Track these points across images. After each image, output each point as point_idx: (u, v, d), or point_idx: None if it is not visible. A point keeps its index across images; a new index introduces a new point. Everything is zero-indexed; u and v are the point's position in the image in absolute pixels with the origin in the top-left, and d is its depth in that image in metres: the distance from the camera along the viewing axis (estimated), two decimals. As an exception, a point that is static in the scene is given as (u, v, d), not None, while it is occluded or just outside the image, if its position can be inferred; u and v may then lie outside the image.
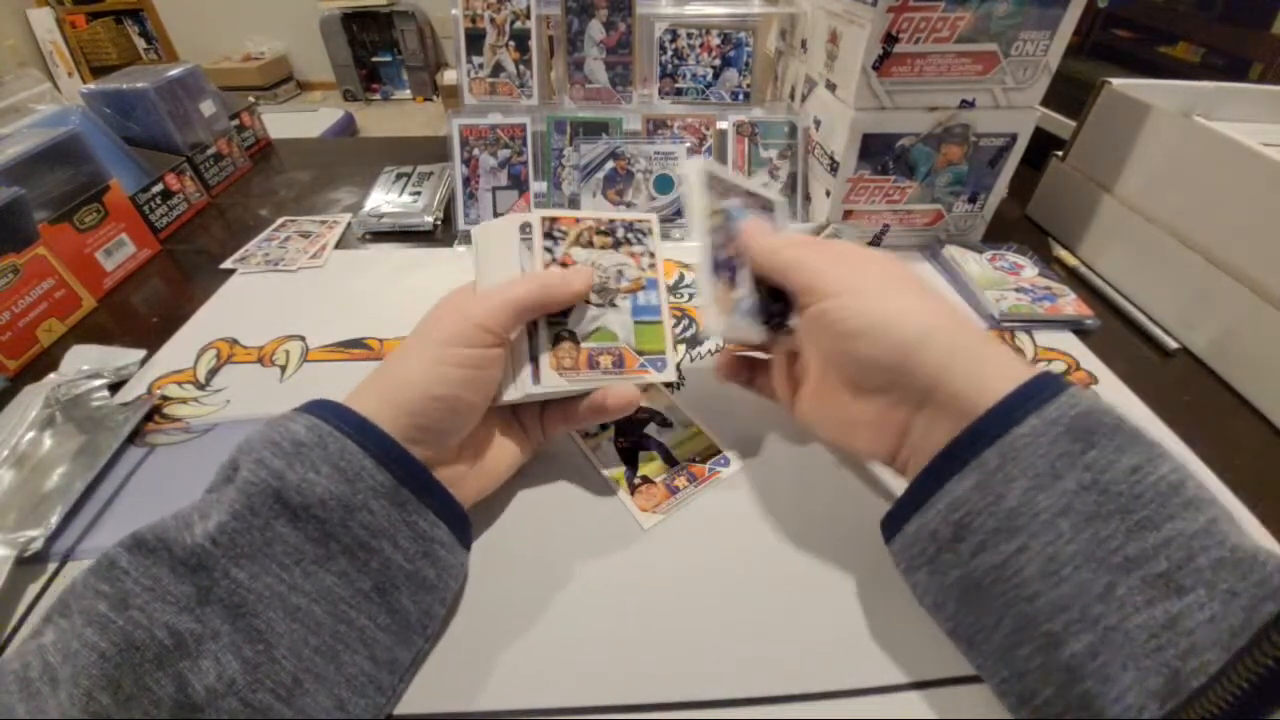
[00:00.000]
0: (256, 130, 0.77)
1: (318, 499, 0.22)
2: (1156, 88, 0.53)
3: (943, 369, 0.24)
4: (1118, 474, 0.20)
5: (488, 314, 0.27)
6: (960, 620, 0.23)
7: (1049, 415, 0.22)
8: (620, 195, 0.54)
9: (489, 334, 0.27)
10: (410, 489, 0.25)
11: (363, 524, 0.23)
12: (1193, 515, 0.19)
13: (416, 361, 0.27)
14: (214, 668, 0.20)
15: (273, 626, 0.21)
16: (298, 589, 0.22)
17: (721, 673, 0.26)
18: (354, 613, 0.23)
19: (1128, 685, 0.18)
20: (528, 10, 0.55)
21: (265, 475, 0.22)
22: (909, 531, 0.25)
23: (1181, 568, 0.19)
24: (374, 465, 0.24)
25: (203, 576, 0.21)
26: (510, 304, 0.27)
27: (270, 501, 0.22)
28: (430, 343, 0.27)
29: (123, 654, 0.19)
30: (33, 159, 0.47)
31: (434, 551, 0.25)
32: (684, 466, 0.35)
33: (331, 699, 0.22)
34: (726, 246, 0.32)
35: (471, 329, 0.27)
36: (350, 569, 0.23)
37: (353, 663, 0.23)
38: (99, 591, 0.20)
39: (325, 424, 0.24)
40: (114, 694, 0.18)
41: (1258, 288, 0.40)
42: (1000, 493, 0.21)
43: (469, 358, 0.27)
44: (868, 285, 0.26)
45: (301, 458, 0.23)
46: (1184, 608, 0.18)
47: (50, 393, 0.37)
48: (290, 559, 0.22)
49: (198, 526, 0.21)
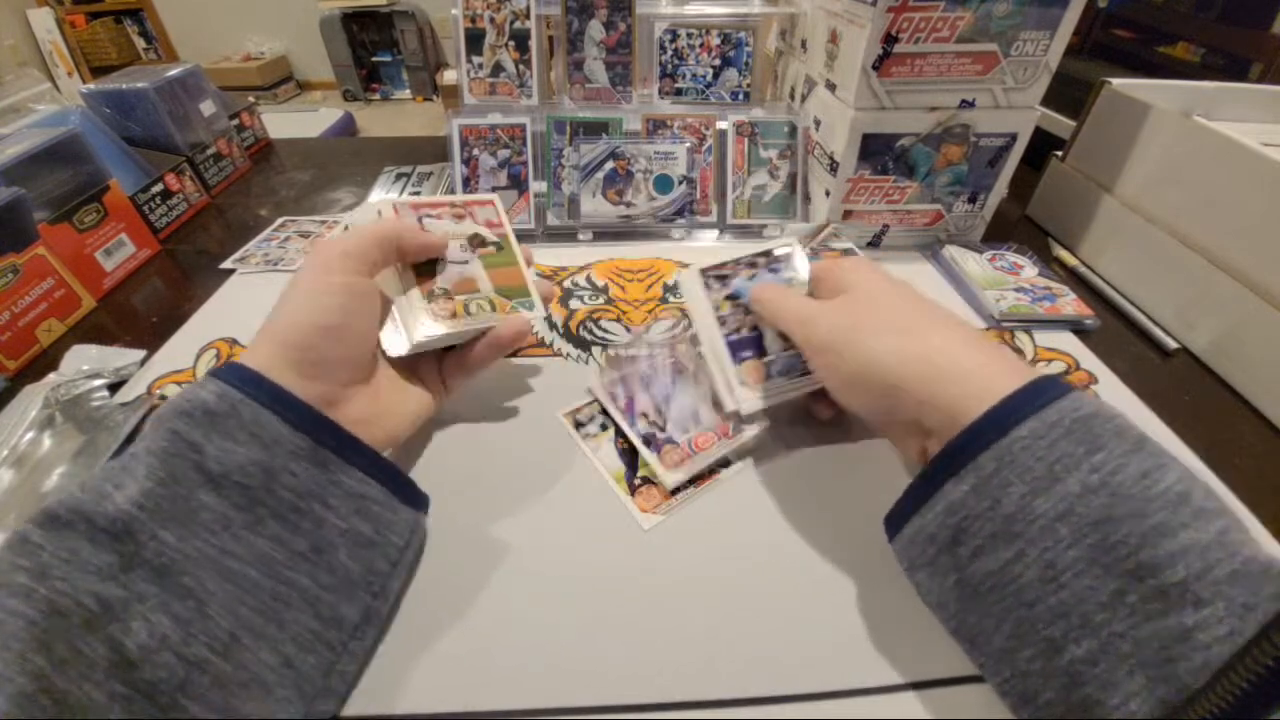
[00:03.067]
0: (256, 130, 0.77)
1: (238, 466, 0.23)
2: (1156, 88, 0.53)
3: (924, 403, 0.25)
4: (1129, 477, 0.20)
5: (351, 244, 0.30)
6: (962, 621, 0.23)
7: (1049, 418, 0.21)
8: (620, 195, 0.54)
9: (354, 260, 0.29)
10: (329, 448, 0.25)
11: (287, 487, 0.24)
12: (1204, 525, 0.19)
13: (293, 297, 0.28)
14: (144, 627, 0.20)
15: (204, 584, 0.21)
16: (230, 553, 0.22)
17: (721, 672, 0.26)
18: (291, 573, 0.23)
19: (1133, 692, 0.18)
20: (528, 10, 0.55)
21: (182, 446, 0.22)
22: (907, 533, 0.25)
23: (1200, 578, 0.18)
24: (290, 430, 0.24)
25: (127, 542, 0.21)
26: (369, 235, 0.30)
27: (189, 470, 0.22)
28: (302, 280, 0.29)
29: (49, 619, 0.19)
30: (33, 159, 0.47)
31: (367, 509, 0.26)
32: None
33: (276, 655, 0.22)
34: (743, 324, 0.35)
35: (337, 257, 0.29)
36: (283, 532, 0.23)
37: (296, 620, 0.23)
38: (16, 565, 0.20)
39: (235, 390, 0.24)
40: (47, 655, 0.18)
41: (1258, 288, 0.40)
42: (997, 498, 0.21)
43: (339, 285, 0.28)
44: (846, 334, 0.28)
45: (216, 427, 0.23)
46: (1200, 620, 0.18)
47: (50, 393, 0.37)
48: (218, 524, 0.22)
49: (117, 495, 0.21)
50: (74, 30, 3.32)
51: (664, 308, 0.47)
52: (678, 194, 0.55)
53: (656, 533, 0.31)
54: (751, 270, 0.36)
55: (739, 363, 0.34)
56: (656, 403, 0.37)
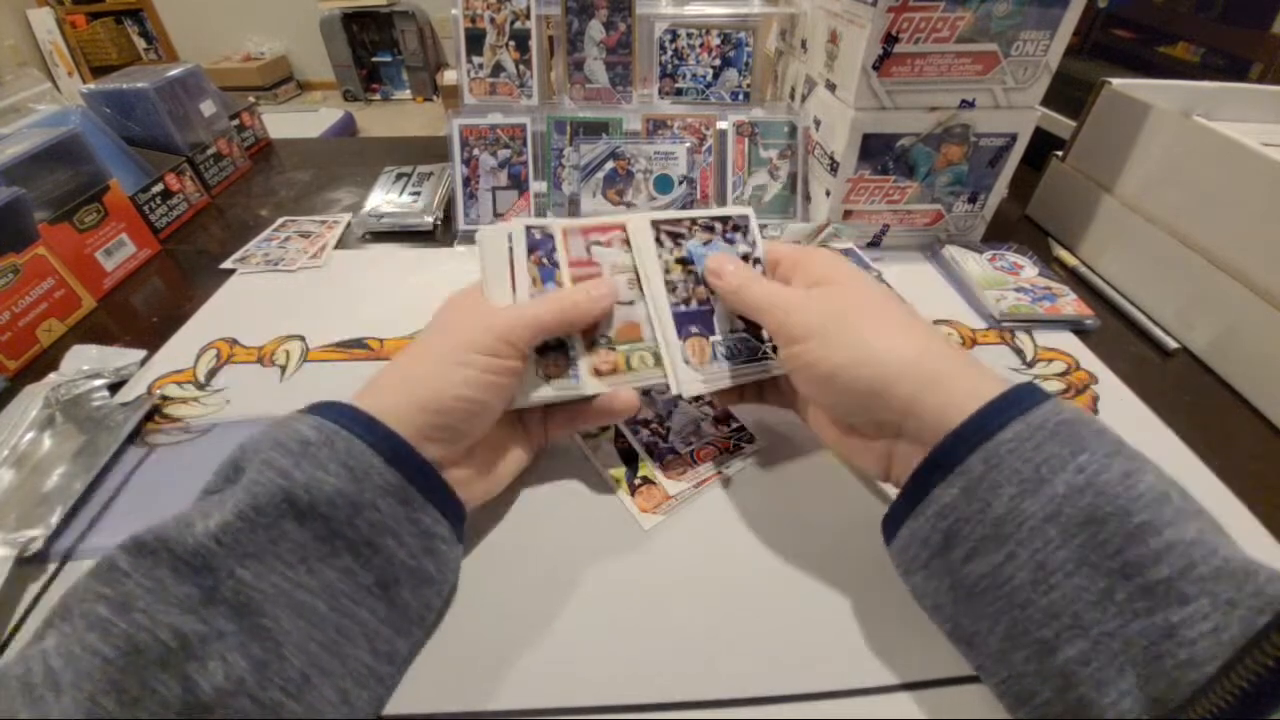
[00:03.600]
0: (256, 130, 0.77)
1: (325, 498, 0.22)
2: (1156, 88, 0.53)
3: (910, 403, 0.24)
4: (1112, 477, 0.20)
5: (509, 329, 0.27)
6: (957, 623, 0.23)
7: (1033, 421, 0.22)
8: (620, 195, 0.54)
9: (510, 347, 0.27)
10: (417, 487, 0.25)
11: (369, 521, 0.23)
12: (1184, 523, 0.19)
13: (436, 361, 0.27)
14: (221, 668, 0.20)
15: (280, 624, 0.21)
16: (302, 585, 0.22)
17: (721, 672, 0.26)
18: (356, 607, 0.23)
19: (1125, 690, 0.18)
20: (528, 10, 0.55)
21: (272, 475, 0.22)
22: (902, 536, 0.25)
23: (1184, 575, 0.18)
24: (382, 464, 0.24)
25: (206, 576, 0.21)
26: (533, 322, 0.28)
27: (278, 500, 0.22)
28: (449, 345, 0.27)
29: (126, 657, 0.19)
30: (33, 159, 0.47)
31: (436, 547, 0.25)
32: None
33: (336, 692, 0.22)
34: (693, 295, 0.32)
35: (493, 340, 0.27)
36: (354, 565, 0.23)
37: (355, 656, 0.23)
38: (100, 594, 0.20)
39: (331, 423, 0.24)
40: (118, 697, 0.18)
41: (1258, 288, 0.40)
42: (987, 500, 0.21)
43: (490, 365, 0.27)
44: (836, 326, 0.26)
45: (309, 456, 0.23)
46: (1186, 617, 0.18)
47: (50, 393, 0.37)
48: (295, 556, 0.22)
49: (199, 526, 0.21)
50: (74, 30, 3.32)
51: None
52: (678, 194, 0.55)
53: (656, 533, 0.31)
54: (708, 235, 0.33)
55: (684, 338, 0.31)
56: (659, 411, 0.37)
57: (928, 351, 0.25)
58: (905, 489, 0.25)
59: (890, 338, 0.26)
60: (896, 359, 0.25)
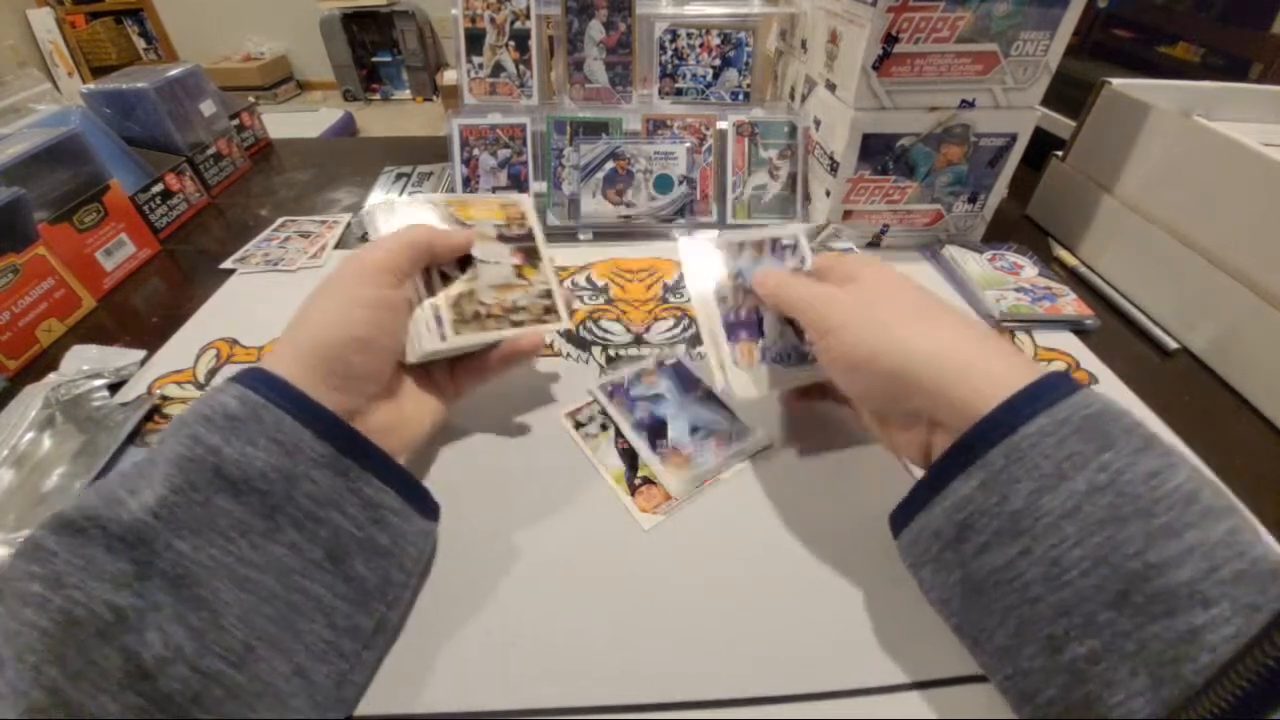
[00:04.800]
0: (256, 130, 0.77)
1: (258, 472, 0.23)
2: (1156, 88, 0.53)
3: (939, 390, 0.24)
4: (1136, 476, 0.20)
5: (385, 254, 0.29)
6: (964, 618, 0.23)
7: (1059, 415, 0.21)
8: (620, 195, 0.54)
9: (387, 273, 0.29)
10: (351, 457, 0.25)
11: (307, 494, 0.23)
12: (1211, 524, 0.19)
13: (324, 308, 0.28)
14: (159, 638, 0.20)
15: (219, 595, 0.21)
16: (245, 561, 0.22)
17: (721, 672, 0.26)
18: (307, 582, 0.23)
19: (1136, 691, 0.18)
20: (528, 10, 0.55)
21: (201, 451, 0.22)
22: (914, 528, 0.25)
23: (1206, 578, 0.18)
24: (312, 436, 0.24)
25: (143, 551, 0.20)
26: (401, 243, 0.30)
27: (209, 476, 0.22)
28: (333, 289, 0.28)
29: (64, 630, 0.19)
30: (33, 159, 0.47)
31: (384, 518, 0.26)
32: None
33: (289, 665, 0.22)
34: (742, 307, 0.34)
35: (370, 270, 0.29)
36: (300, 539, 0.23)
37: (310, 630, 0.23)
38: (30, 573, 0.20)
39: (257, 395, 0.24)
40: (61, 667, 0.18)
41: (1258, 288, 0.40)
42: (1005, 494, 0.21)
43: (372, 298, 0.28)
44: (864, 316, 0.27)
45: (237, 431, 0.23)
46: (1208, 621, 0.18)
47: (50, 393, 0.37)
48: (235, 531, 0.22)
49: (132, 501, 0.21)
50: (74, 30, 3.32)
51: (664, 307, 0.47)
52: (678, 194, 0.55)
53: (656, 533, 0.31)
54: (758, 254, 0.35)
55: (734, 343, 0.33)
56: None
57: (956, 340, 0.25)
58: (923, 480, 0.24)
59: (914, 326, 0.26)
60: (919, 347, 0.25)
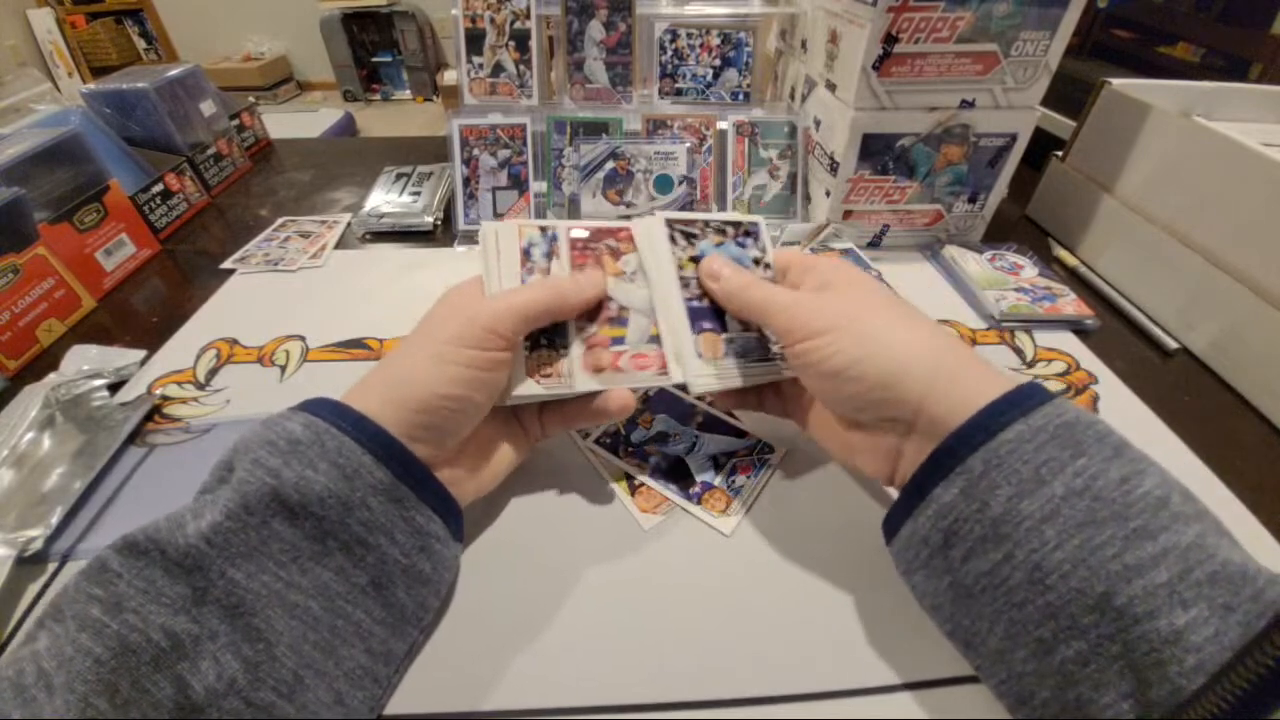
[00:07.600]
0: (256, 130, 0.77)
1: (316, 496, 0.22)
2: (1156, 88, 0.53)
3: (922, 398, 0.24)
4: (1109, 482, 0.20)
5: (495, 318, 0.26)
6: (957, 623, 0.23)
7: (1035, 422, 0.22)
8: (620, 195, 0.54)
9: (497, 338, 0.26)
10: (408, 485, 0.25)
11: (360, 520, 0.23)
12: (1182, 528, 0.19)
13: (421, 359, 0.26)
14: (213, 668, 0.20)
15: (272, 624, 0.21)
16: (295, 585, 0.22)
17: (721, 673, 0.26)
18: (350, 607, 0.23)
19: (1126, 693, 0.18)
20: (528, 10, 0.55)
21: (262, 474, 0.22)
22: (903, 536, 0.25)
23: (1182, 579, 0.18)
24: (373, 462, 0.24)
25: (198, 577, 0.20)
26: (519, 309, 0.27)
27: (267, 500, 0.22)
28: (435, 341, 0.26)
29: (118, 658, 0.19)
30: (33, 159, 0.47)
31: (430, 546, 0.25)
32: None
33: (330, 693, 0.22)
34: (706, 292, 0.31)
35: (479, 331, 0.26)
36: (347, 564, 0.23)
37: (350, 656, 0.23)
38: (91, 595, 0.20)
39: (322, 421, 0.24)
40: (110, 698, 0.18)
41: (1258, 288, 0.40)
42: (985, 500, 0.22)
43: (475, 359, 0.26)
44: (849, 321, 0.26)
45: (298, 455, 0.23)
46: (1189, 622, 0.18)
47: (50, 393, 0.37)
48: (287, 556, 0.22)
49: (190, 526, 0.21)
50: (74, 30, 3.32)
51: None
52: (678, 194, 0.55)
53: (656, 533, 0.31)
54: (720, 238, 0.32)
55: (697, 333, 0.30)
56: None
57: (937, 348, 0.25)
58: (907, 487, 0.25)
59: (902, 332, 0.26)
60: (908, 353, 0.25)
